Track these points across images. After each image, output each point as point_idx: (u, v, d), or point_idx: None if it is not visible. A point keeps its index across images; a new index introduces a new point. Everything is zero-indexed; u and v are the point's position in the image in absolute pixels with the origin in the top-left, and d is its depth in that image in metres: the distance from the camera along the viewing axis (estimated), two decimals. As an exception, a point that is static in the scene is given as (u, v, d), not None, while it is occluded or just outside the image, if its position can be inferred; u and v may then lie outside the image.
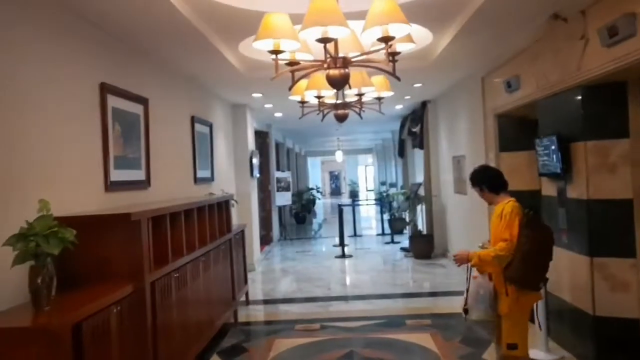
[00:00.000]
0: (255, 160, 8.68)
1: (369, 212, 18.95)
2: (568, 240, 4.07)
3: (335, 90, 4.39)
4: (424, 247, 8.99)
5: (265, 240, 10.86)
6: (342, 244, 9.91)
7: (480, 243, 3.98)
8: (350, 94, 4.39)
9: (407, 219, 10.47)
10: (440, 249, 8.90)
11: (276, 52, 2.73)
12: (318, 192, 19.48)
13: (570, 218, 4.06)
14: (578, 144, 3.85)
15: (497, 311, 3.24)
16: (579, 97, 3.80)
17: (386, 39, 2.59)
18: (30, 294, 2.47)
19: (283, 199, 12.05)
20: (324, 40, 2.55)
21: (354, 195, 27.61)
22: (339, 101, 4.56)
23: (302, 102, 4.35)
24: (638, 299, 3.60)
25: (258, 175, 9.06)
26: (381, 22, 2.53)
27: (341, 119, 4.62)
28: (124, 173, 4.10)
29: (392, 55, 2.91)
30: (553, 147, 4.01)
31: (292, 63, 3.01)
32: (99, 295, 2.68)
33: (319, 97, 4.18)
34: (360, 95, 4.27)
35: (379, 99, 4.52)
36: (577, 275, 3.98)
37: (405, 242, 10.22)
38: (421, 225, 9.75)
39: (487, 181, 3.36)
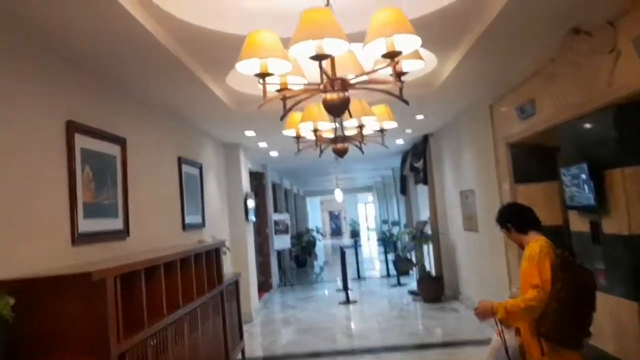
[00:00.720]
0: (250, 203, 8.19)
1: (371, 253, 18.31)
2: (607, 282, 3.54)
3: (333, 124, 4.00)
4: (434, 290, 8.39)
5: (264, 287, 10.24)
6: (345, 288, 9.30)
7: (508, 292, 3.44)
8: (349, 126, 3.98)
9: (414, 260, 9.89)
10: (451, 291, 8.30)
11: (263, 75, 2.27)
12: (318, 233, 18.91)
13: (608, 257, 3.54)
14: (614, 171, 3.38)
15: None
16: (612, 118, 3.35)
17: (392, 55, 2.14)
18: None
19: (282, 242, 11.49)
20: (319, 57, 2.11)
21: (355, 234, 26.99)
22: (337, 134, 4.13)
23: (297, 137, 3.94)
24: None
25: (254, 218, 8.55)
26: (385, 34, 2.09)
27: (341, 153, 4.16)
28: (97, 222, 3.60)
29: (399, 75, 2.47)
30: (583, 176, 3.53)
31: (282, 88, 2.56)
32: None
33: (315, 130, 3.74)
34: (360, 127, 3.82)
35: (382, 130, 4.08)
36: (621, 323, 3.42)
37: (412, 285, 9.61)
38: (429, 266, 9.17)
39: (513, 219, 2.87)
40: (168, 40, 3.33)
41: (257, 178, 10.40)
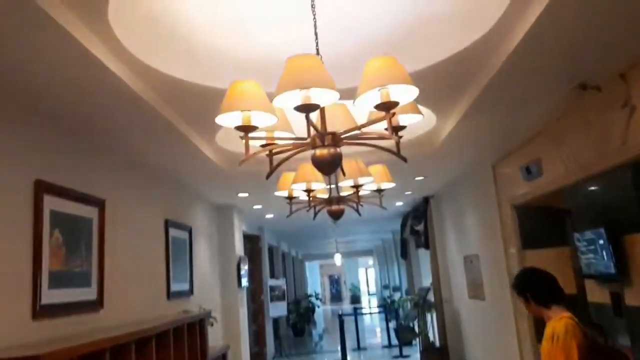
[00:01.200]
0: (243, 268, 7.79)
1: (372, 319, 17.58)
2: (635, 361, 3.14)
3: (327, 185, 3.76)
4: (439, 362, 7.83)
5: (258, 358, 9.61)
6: (344, 360, 8.72)
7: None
8: (345, 187, 3.73)
9: (417, 329, 9.34)
10: (457, 363, 7.74)
11: (246, 128, 2.02)
12: (317, 299, 18.23)
13: (633, 331, 3.16)
14: (635, 236, 3.07)
15: None
16: (629, 178, 3.08)
17: (388, 106, 1.90)
18: None
19: (278, 309, 10.94)
20: (306, 108, 1.87)
21: (355, 300, 26.15)
22: (332, 195, 3.86)
23: (290, 198, 3.69)
24: None
25: (247, 284, 8.12)
26: (380, 83, 1.86)
27: (336, 215, 3.86)
28: (65, 293, 3.25)
29: (396, 130, 2.23)
30: (601, 242, 3.22)
31: (268, 144, 2.31)
32: None
33: (308, 191, 3.48)
34: (356, 187, 3.56)
35: (379, 191, 3.82)
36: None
37: (415, 356, 9.03)
38: (433, 335, 8.63)
39: (533, 289, 2.52)
40: (151, 95, 3.12)
41: (252, 241, 10.04)
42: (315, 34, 2.34)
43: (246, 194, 6.64)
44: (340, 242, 17.82)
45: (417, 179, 6.60)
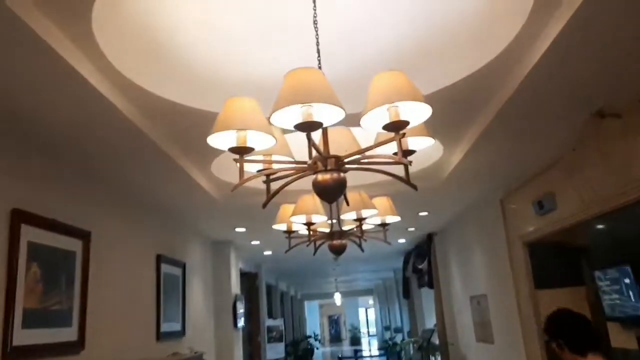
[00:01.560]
0: (240, 307, 7.45)
1: (373, 362, 16.97)
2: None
3: (328, 218, 3.55)
4: (445, 411, 7.39)
5: (254, 404, 9.14)
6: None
7: None
8: (347, 220, 3.51)
9: (421, 373, 8.90)
10: (465, 411, 7.29)
11: (241, 149, 1.82)
12: (316, 340, 17.65)
13: (666, 382, 2.87)
14: (666, 275, 2.82)
15: None
16: (657, 210, 2.86)
17: (397, 125, 1.70)
18: None
19: (275, 351, 10.49)
20: (307, 127, 1.66)
21: (355, 341, 25.41)
22: (334, 229, 3.63)
23: (289, 232, 3.47)
24: None
25: (243, 324, 7.75)
26: (389, 100, 1.67)
27: (337, 250, 3.61)
28: (41, 333, 2.97)
29: (406, 155, 2.02)
30: (627, 281, 2.96)
31: (265, 168, 2.08)
32: None
33: (309, 224, 3.25)
34: (360, 220, 3.33)
35: (384, 225, 3.59)
36: None
37: (420, 403, 8.55)
38: (438, 380, 8.21)
39: (567, 334, 2.24)
40: (140, 118, 2.91)
41: (249, 279, 9.70)
42: (318, 50, 2.16)
43: (243, 229, 6.38)
44: (340, 281, 17.44)
45: (420, 214, 6.36)
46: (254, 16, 2.34)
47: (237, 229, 6.38)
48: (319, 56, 2.14)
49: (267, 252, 8.71)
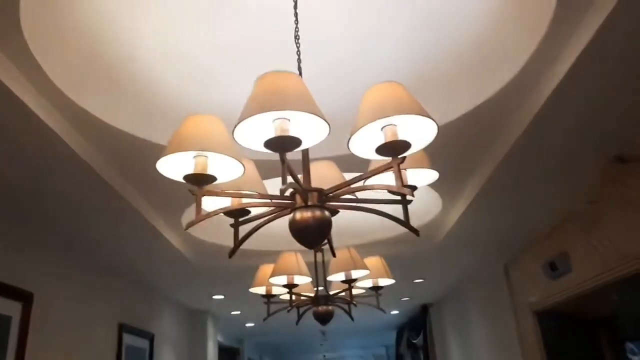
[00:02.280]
0: (216, 387, 6.69)
1: None
2: None
3: (313, 279, 3.13)
4: None
5: None
6: None
7: None
8: (334, 281, 3.06)
9: None
10: None
11: (200, 178, 1.39)
12: None
13: None
14: None
15: None
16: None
17: (394, 146, 1.30)
18: None
19: None
20: (281, 143, 1.26)
21: None
22: (320, 293, 3.18)
23: (268, 297, 3.03)
24: None
25: (219, 407, 6.95)
26: (383, 114, 1.28)
27: (323, 318, 3.11)
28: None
29: (412, 189, 1.61)
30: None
31: (232, 207, 1.64)
32: None
33: (290, 286, 2.80)
34: (349, 282, 2.87)
35: (376, 289, 3.14)
36: None
37: None
38: None
39: None
40: (92, 155, 2.49)
41: (230, 354, 8.92)
42: (299, 68, 1.78)
43: (221, 296, 5.80)
44: (329, 357, 16.55)
45: (415, 281, 5.85)
46: (231, 47, 2.00)
47: (215, 296, 5.79)
48: (300, 73, 1.77)
49: (250, 324, 8.03)
